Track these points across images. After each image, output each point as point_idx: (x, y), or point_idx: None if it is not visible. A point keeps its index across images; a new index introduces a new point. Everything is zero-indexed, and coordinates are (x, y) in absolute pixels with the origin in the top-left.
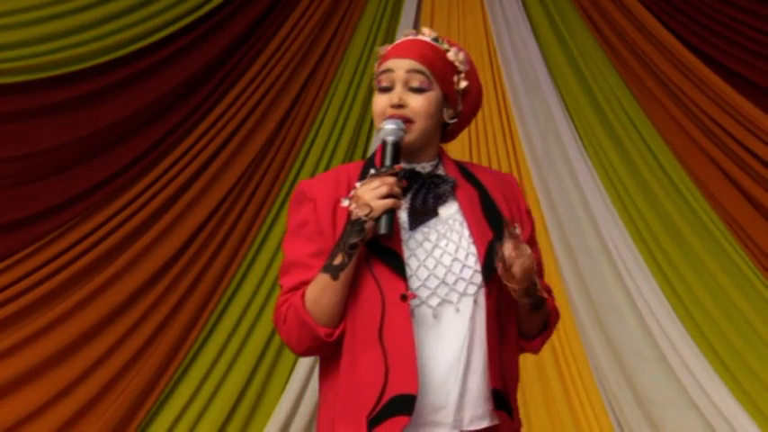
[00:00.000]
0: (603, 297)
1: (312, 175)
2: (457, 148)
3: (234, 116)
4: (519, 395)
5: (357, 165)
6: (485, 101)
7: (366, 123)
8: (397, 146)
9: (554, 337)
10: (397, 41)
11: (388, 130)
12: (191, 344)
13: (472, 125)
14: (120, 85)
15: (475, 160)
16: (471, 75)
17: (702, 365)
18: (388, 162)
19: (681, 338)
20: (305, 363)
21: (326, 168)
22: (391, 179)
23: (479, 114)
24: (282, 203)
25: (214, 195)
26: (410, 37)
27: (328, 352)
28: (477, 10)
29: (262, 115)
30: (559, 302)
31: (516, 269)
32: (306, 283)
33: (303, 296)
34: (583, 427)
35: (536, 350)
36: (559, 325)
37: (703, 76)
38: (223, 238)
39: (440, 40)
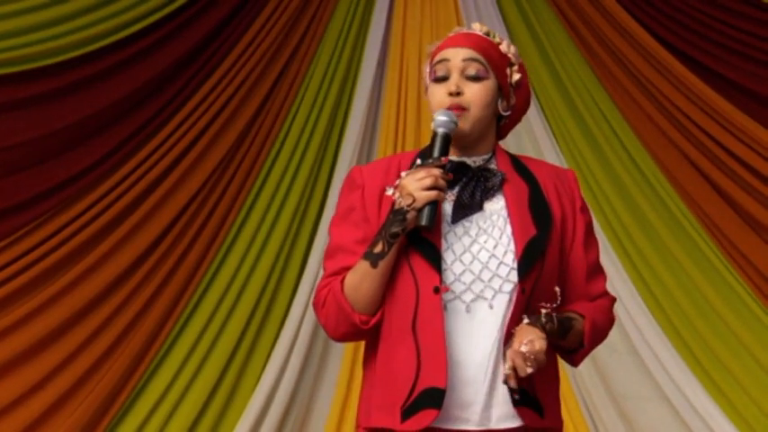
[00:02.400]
0: None
1: (284, 172)
2: None
3: (206, 111)
4: None
5: (411, 153)
6: None
7: (338, 119)
8: (447, 138)
9: None
10: (448, 35)
11: (439, 121)
12: (162, 340)
13: None
14: (92, 80)
15: None
16: (523, 68)
17: (674, 359)
18: (436, 153)
19: (653, 332)
20: (277, 360)
21: (299, 165)
22: (437, 171)
23: None
24: (256, 197)
25: (187, 190)
26: (463, 31)
27: (365, 339)
28: (450, 7)
29: (234, 111)
30: None
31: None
32: (348, 268)
33: (343, 282)
34: None
35: (573, 365)
36: None
37: (677, 73)
38: (195, 234)
39: (492, 34)
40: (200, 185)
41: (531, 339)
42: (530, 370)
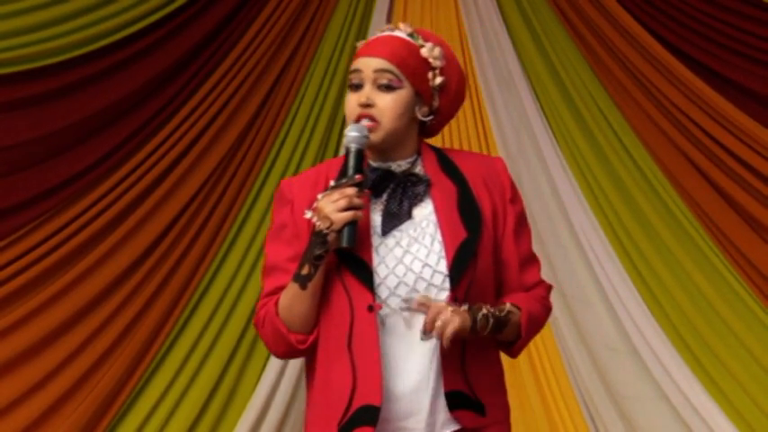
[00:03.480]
0: (576, 291)
1: (284, 171)
2: None
3: (206, 111)
4: None
5: (338, 161)
6: None
7: (339, 119)
8: (360, 154)
9: None
10: (370, 38)
11: (350, 137)
12: (162, 340)
13: None
14: (92, 80)
15: None
16: (449, 70)
17: (674, 359)
18: (350, 171)
19: (653, 332)
20: (276, 361)
21: (299, 165)
22: (351, 191)
23: None
24: (256, 197)
25: (187, 189)
26: (385, 33)
27: (305, 356)
28: (450, 7)
29: (234, 110)
30: None
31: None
32: (282, 288)
33: (277, 303)
34: (555, 420)
35: (512, 356)
36: None
37: (677, 72)
38: (195, 233)
39: (415, 36)
40: (200, 184)
41: (454, 318)
42: (438, 323)
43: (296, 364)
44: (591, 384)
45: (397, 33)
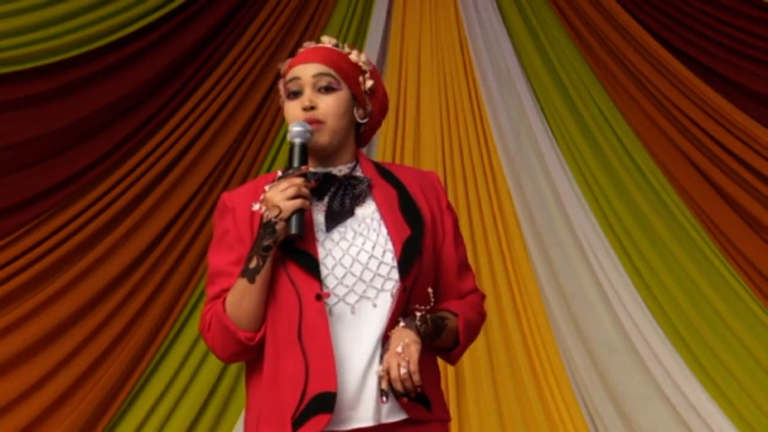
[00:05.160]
0: (575, 290)
1: None
2: (429, 149)
3: (205, 110)
4: (490, 388)
5: (275, 174)
6: (457, 97)
7: None
8: (304, 147)
9: (526, 330)
10: (298, 52)
11: (294, 132)
12: (161, 340)
13: (444, 121)
14: (91, 79)
15: (447, 160)
16: (376, 74)
17: (673, 358)
18: (295, 163)
19: (652, 331)
20: None
21: None
22: (299, 180)
23: (452, 110)
24: None
25: (187, 188)
26: (311, 45)
27: (252, 356)
28: (449, 7)
29: (233, 110)
30: (532, 296)
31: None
32: (228, 290)
33: (224, 302)
34: (554, 419)
35: (451, 363)
36: (531, 318)
37: (676, 72)
38: (195, 233)
39: (340, 45)
40: (200, 183)
41: (406, 343)
42: (403, 371)
43: None
44: (590, 384)
45: (322, 45)
